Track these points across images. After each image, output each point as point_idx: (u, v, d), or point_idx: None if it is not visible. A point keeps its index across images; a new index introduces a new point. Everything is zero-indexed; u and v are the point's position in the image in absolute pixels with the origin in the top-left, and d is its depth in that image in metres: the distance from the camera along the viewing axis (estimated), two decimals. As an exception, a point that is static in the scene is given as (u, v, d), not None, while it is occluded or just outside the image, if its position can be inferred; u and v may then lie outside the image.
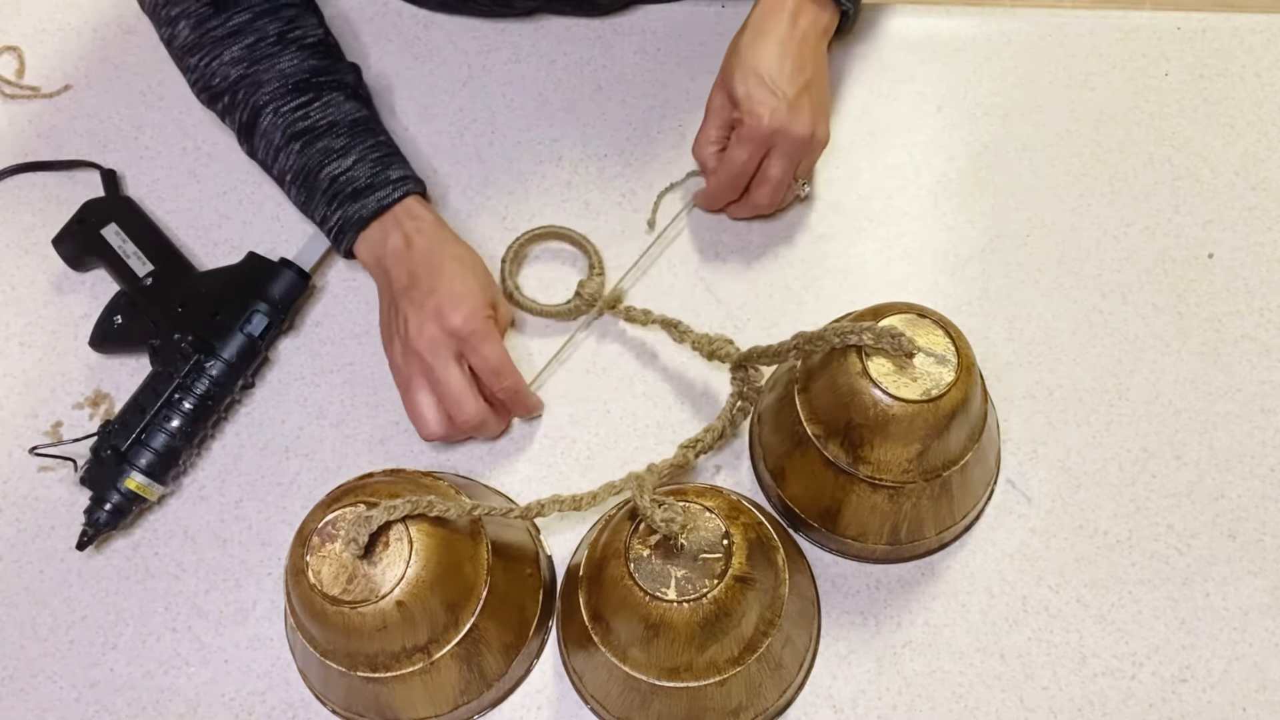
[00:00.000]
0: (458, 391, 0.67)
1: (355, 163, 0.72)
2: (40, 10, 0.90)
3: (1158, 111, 0.83)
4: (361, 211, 0.71)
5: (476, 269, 0.72)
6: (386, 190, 0.72)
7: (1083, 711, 0.64)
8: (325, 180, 0.72)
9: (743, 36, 0.74)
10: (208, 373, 0.71)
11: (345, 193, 0.72)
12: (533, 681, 0.66)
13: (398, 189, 0.72)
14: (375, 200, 0.71)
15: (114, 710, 0.66)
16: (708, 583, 0.56)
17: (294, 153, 0.73)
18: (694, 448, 0.67)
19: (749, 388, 0.69)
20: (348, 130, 0.73)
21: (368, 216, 0.71)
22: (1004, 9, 0.88)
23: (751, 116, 0.71)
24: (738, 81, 0.72)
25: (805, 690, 0.65)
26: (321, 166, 0.72)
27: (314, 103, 0.74)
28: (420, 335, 0.68)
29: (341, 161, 0.72)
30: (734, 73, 0.73)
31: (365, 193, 0.72)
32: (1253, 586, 0.67)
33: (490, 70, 0.86)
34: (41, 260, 0.80)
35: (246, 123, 0.75)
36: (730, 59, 0.74)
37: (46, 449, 0.72)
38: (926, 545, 0.68)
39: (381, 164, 0.73)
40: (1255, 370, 0.73)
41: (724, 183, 0.74)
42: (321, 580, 0.56)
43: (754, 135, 0.72)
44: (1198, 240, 0.78)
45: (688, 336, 0.71)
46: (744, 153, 0.72)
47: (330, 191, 0.72)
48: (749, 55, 0.73)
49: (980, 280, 0.77)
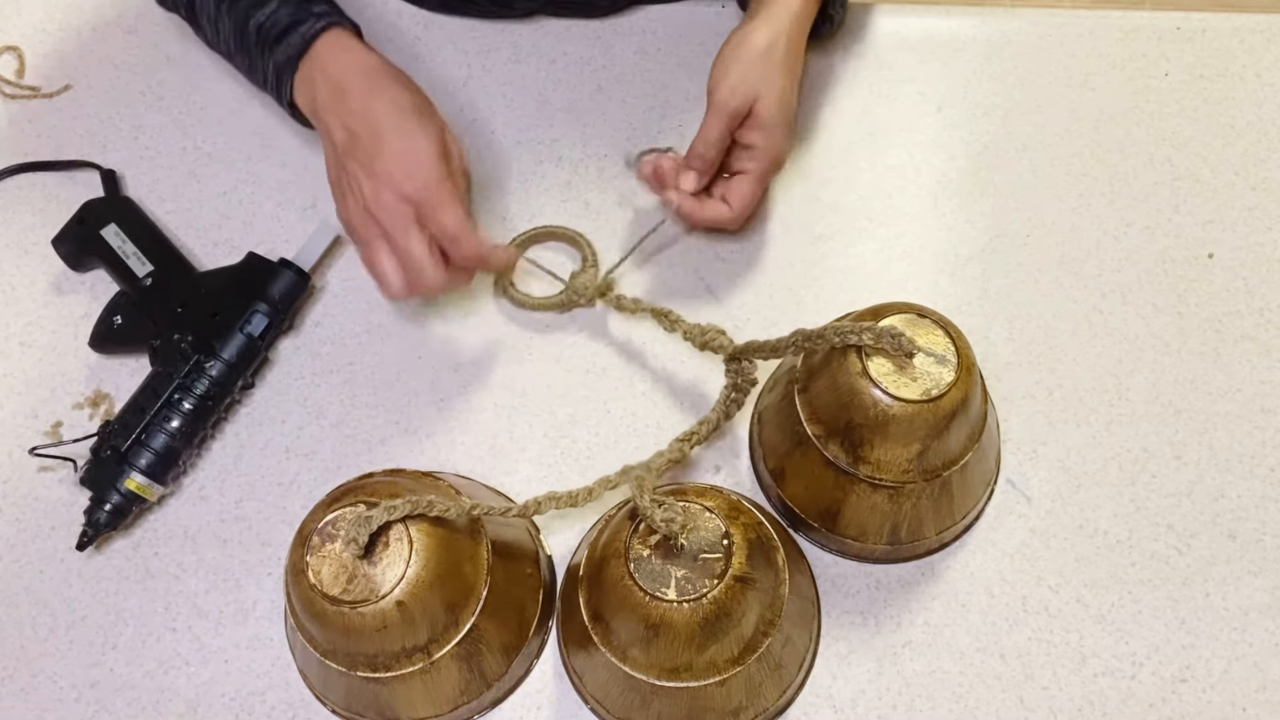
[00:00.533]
0: (419, 260, 0.66)
1: (278, 6, 0.71)
2: (40, 10, 0.90)
3: (1158, 111, 0.83)
4: (288, 51, 0.69)
5: (420, 113, 0.68)
6: (309, 23, 0.69)
7: (1083, 711, 0.64)
8: (253, 32, 0.71)
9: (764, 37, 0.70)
10: (208, 373, 0.71)
11: (270, 38, 0.70)
12: (533, 681, 0.66)
13: (320, 20, 0.70)
14: (299, 36, 0.69)
15: (114, 710, 0.66)
16: (708, 583, 0.56)
17: (224, 16, 0.72)
18: (689, 440, 0.66)
19: (743, 379, 0.69)
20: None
21: (295, 55, 0.69)
22: (1004, 9, 0.88)
23: (778, 152, 0.71)
24: (766, 92, 0.69)
25: (805, 690, 0.65)
26: (248, 20, 0.71)
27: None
28: (376, 201, 0.66)
29: (265, 8, 0.71)
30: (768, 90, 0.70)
31: (289, 31, 0.70)
32: (1253, 586, 0.67)
33: (490, 70, 0.86)
34: (41, 260, 0.80)
35: (187, 8, 0.75)
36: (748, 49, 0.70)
37: (46, 449, 0.72)
38: (926, 545, 0.68)
39: (305, 2, 0.71)
40: (1255, 370, 0.73)
41: (738, 223, 0.74)
42: (321, 580, 0.56)
43: (770, 173, 0.72)
44: (1198, 240, 0.78)
45: (679, 326, 0.70)
46: (761, 188, 0.72)
47: (259, 42, 0.71)
48: (773, 72, 0.70)
49: (980, 280, 0.77)
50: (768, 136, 0.70)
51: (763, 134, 0.70)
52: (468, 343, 0.76)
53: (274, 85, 0.72)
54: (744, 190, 0.72)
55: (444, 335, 0.76)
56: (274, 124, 0.84)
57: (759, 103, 0.70)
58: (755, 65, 0.70)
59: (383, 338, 0.77)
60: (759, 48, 0.70)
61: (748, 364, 0.68)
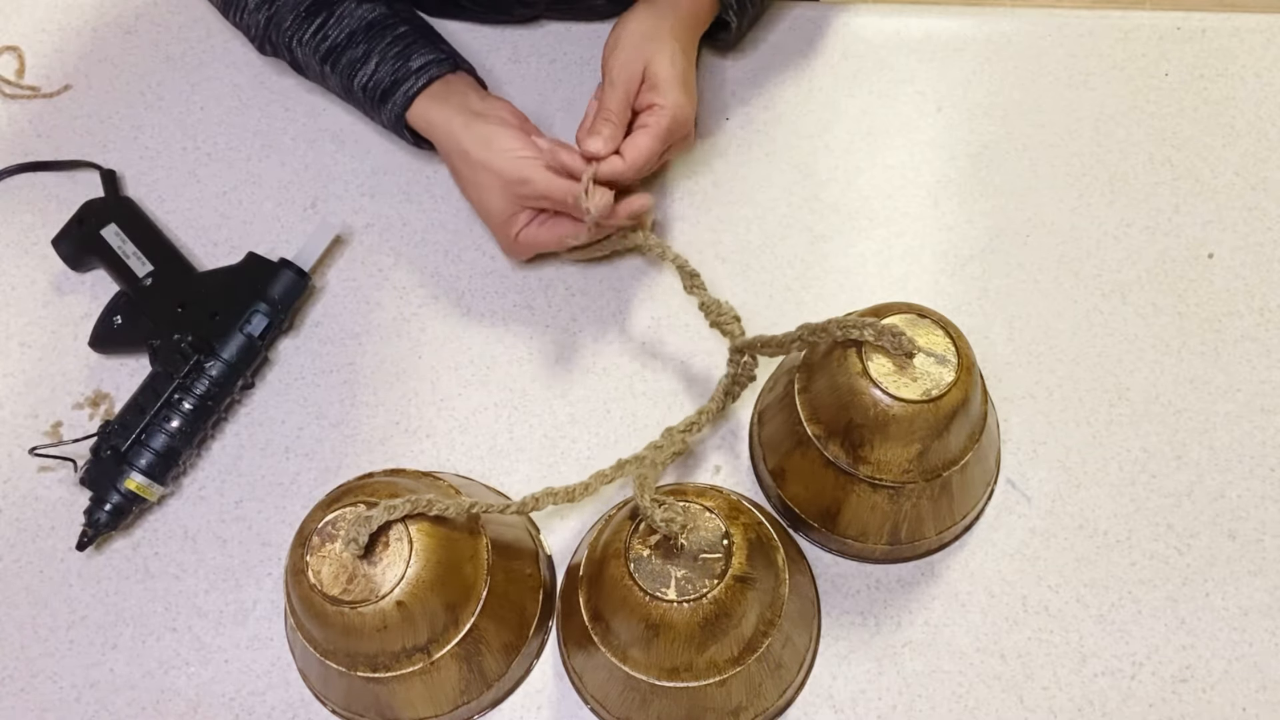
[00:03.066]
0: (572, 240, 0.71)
1: (377, 66, 0.74)
2: (40, 10, 0.90)
3: (1158, 111, 0.83)
4: (395, 110, 0.74)
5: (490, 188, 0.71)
6: (409, 83, 0.73)
7: (1083, 711, 0.64)
8: (359, 93, 0.75)
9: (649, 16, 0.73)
10: (207, 373, 0.71)
11: (375, 97, 0.74)
12: (533, 681, 0.66)
13: (420, 77, 0.73)
14: (402, 95, 0.73)
15: (114, 710, 0.66)
16: (708, 583, 0.56)
17: (329, 76, 0.76)
18: (689, 430, 0.66)
19: (743, 373, 0.69)
20: (365, 36, 0.75)
21: (401, 113, 0.74)
22: (1004, 9, 0.88)
23: (679, 111, 0.70)
24: (660, 58, 0.71)
25: (805, 690, 0.65)
26: (352, 80, 0.75)
27: (329, 20, 0.75)
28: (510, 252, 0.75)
29: (365, 69, 0.74)
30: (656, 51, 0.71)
31: (391, 91, 0.74)
32: (1253, 586, 0.67)
33: (490, 70, 0.86)
34: (41, 260, 0.80)
35: (291, 61, 0.78)
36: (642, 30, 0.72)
37: (46, 449, 0.72)
38: (926, 545, 0.68)
39: (402, 57, 0.74)
40: (1255, 370, 0.73)
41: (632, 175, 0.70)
42: (321, 580, 0.56)
43: (673, 131, 0.71)
44: (1198, 240, 0.78)
45: (698, 294, 0.69)
46: (658, 145, 0.70)
47: (367, 100, 0.75)
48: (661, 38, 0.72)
49: (980, 280, 0.77)
50: (662, 95, 0.71)
51: (656, 93, 0.71)
52: (468, 343, 0.76)
53: (395, 133, 0.77)
54: (639, 142, 0.70)
55: (444, 335, 0.76)
56: (274, 124, 0.84)
57: (649, 65, 0.71)
58: (641, 36, 0.73)
59: (383, 338, 0.77)
60: (645, 24, 0.73)
61: (749, 359, 0.68)
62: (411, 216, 0.81)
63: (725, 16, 0.77)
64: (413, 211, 0.81)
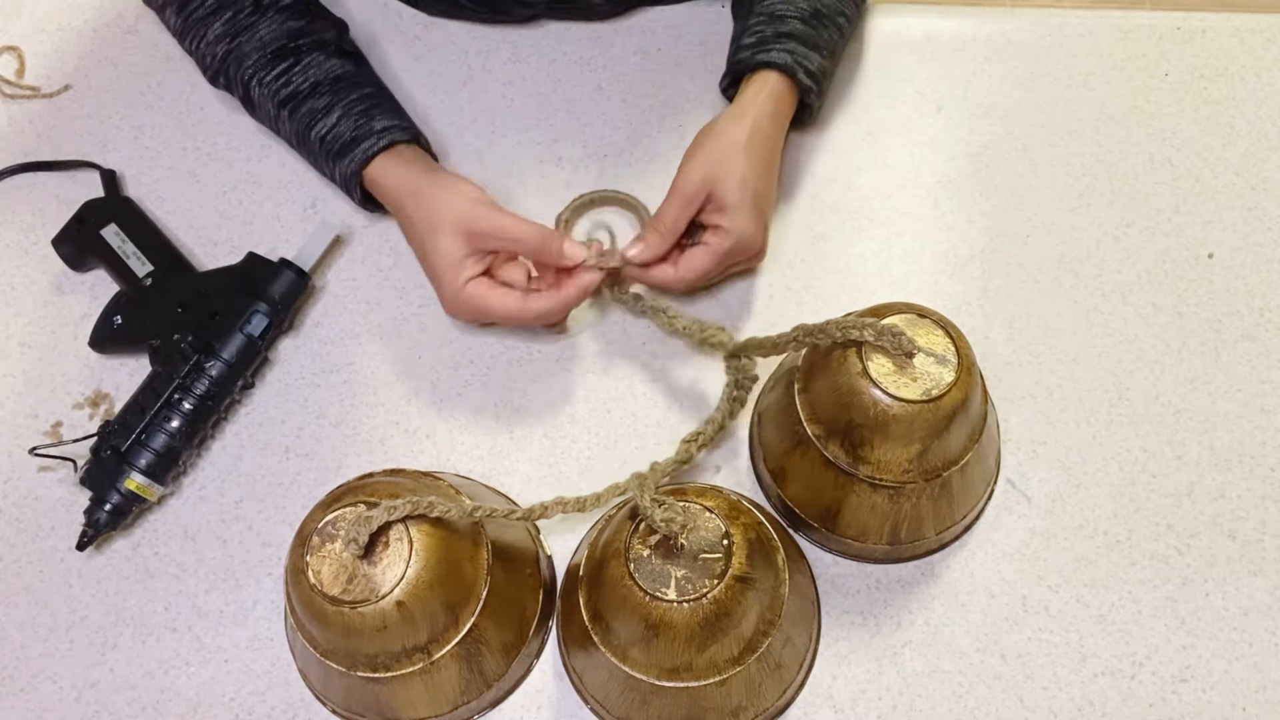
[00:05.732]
0: (517, 318, 0.70)
1: (339, 119, 0.74)
2: (40, 10, 0.90)
3: (1158, 111, 0.83)
4: (351, 166, 0.73)
5: (442, 219, 0.69)
6: (371, 141, 0.73)
7: (1083, 711, 0.64)
8: (315, 142, 0.74)
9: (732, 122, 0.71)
10: (207, 373, 0.71)
11: (333, 151, 0.74)
12: (533, 681, 0.66)
13: (381, 138, 0.73)
14: (361, 152, 0.73)
15: (114, 710, 0.66)
16: (708, 583, 0.56)
17: (285, 120, 0.75)
18: (695, 441, 0.67)
19: (744, 376, 0.69)
20: (329, 89, 0.74)
21: (357, 170, 0.73)
22: (1004, 9, 0.88)
23: (741, 236, 0.69)
24: (730, 182, 0.69)
25: (805, 690, 0.65)
26: (310, 129, 0.74)
27: (294, 67, 0.74)
28: (452, 307, 0.71)
29: (326, 120, 0.74)
30: (724, 164, 0.69)
31: (350, 147, 0.73)
32: (1253, 586, 0.67)
33: (490, 70, 0.86)
34: (41, 260, 0.80)
35: (244, 98, 0.77)
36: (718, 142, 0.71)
37: (46, 449, 0.72)
38: (926, 545, 0.68)
39: (365, 116, 0.74)
40: (1255, 370, 0.73)
41: (684, 289, 0.72)
42: (321, 580, 0.56)
43: (734, 253, 0.70)
44: (1198, 240, 0.78)
45: (677, 322, 0.70)
46: (717, 264, 0.71)
47: (322, 151, 0.74)
48: (736, 143, 0.70)
49: (980, 280, 0.77)
50: (727, 218, 0.69)
51: (722, 215, 0.70)
52: (468, 343, 0.76)
53: (343, 188, 0.77)
54: (695, 257, 0.70)
55: (444, 335, 0.76)
56: (274, 124, 0.84)
57: (717, 187, 0.69)
58: (717, 151, 0.70)
59: (383, 338, 0.77)
60: (724, 135, 0.71)
61: (747, 361, 0.68)
62: (411, 216, 0.81)
63: (808, 100, 0.75)
64: (413, 211, 0.81)
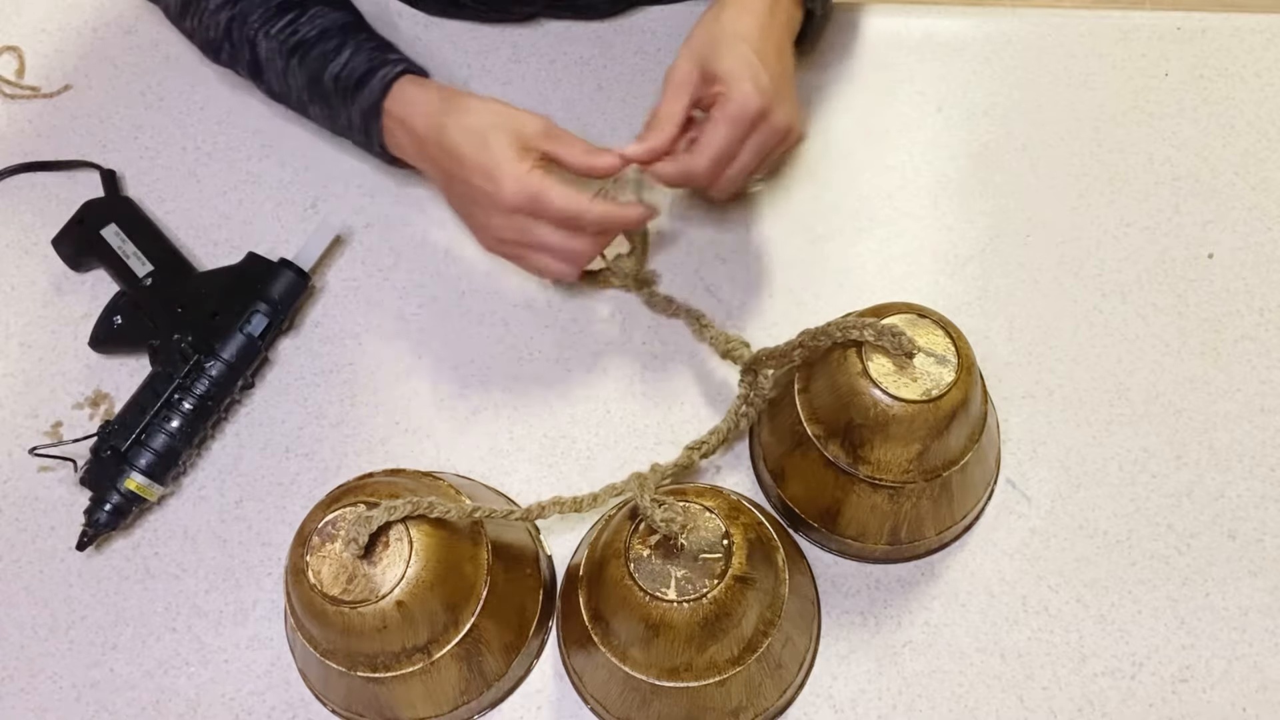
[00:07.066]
0: (561, 247, 0.68)
1: (352, 54, 0.73)
2: (40, 10, 0.90)
3: (1158, 111, 0.83)
4: (371, 98, 0.71)
5: (488, 126, 0.68)
6: (387, 69, 0.72)
7: (1083, 711, 0.64)
8: (330, 82, 0.73)
9: (723, 9, 0.68)
10: (207, 373, 0.71)
11: (349, 86, 0.72)
12: (533, 681, 0.66)
13: (397, 65, 0.72)
14: (380, 81, 0.71)
15: (114, 710, 0.66)
16: (708, 583, 0.56)
17: (295, 69, 0.74)
18: (699, 449, 0.67)
19: (756, 394, 0.69)
20: (339, 33, 0.74)
21: (377, 101, 0.71)
22: (1004, 9, 0.88)
23: (741, 94, 0.64)
24: (723, 53, 0.65)
25: (805, 690, 0.65)
26: (324, 70, 0.73)
27: (300, 17, 0.74)
28: (490, 226, 0.68)
29: (338, 59, 0.73)
30: (717, 43, 0.66)
31: (367, 78, 0.72)
32: (1253, 586, 0.67)
33: (490, 70, 0.86)
34: (41, 260, 0.80)
35: (250, 60, 0.75)
36: (708, 28, 0.67)
37: (46, 449, 0.72)
38: (926, 545, 0.68)
39: (379, 50, 0.73)
40: (1255, 370, 0.73)
41: (703, 167, 0.66)
42: (321, 580, 0.56)
43: (741, 116, 0.65)
44: (1198, 240, 0.78)
45: (708, 331, 0.72)
46: (729, 133, 0.65)
47: (339, 91, 0.73)
48: (733, 26, 0.67)
49: (980, 280, 0.77)
50: (724, 83, 0.65)
51: (718, 83, 0.66)
52: (468, 343, 0.76)
53: (360, 130, 0.74)
54: (705, 134, 0.66)
55: (444, 335, 0.76)
56: (274, 124, 0.84)
57: (709, 61, 0.66)
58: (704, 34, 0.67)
59: (383, 338, 0.77)
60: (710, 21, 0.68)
61: (763, 377, 0.68)
62: (411, 216, 0.81)
63: (810, 5, 0.72)
64: (413, 211, 0.81)
